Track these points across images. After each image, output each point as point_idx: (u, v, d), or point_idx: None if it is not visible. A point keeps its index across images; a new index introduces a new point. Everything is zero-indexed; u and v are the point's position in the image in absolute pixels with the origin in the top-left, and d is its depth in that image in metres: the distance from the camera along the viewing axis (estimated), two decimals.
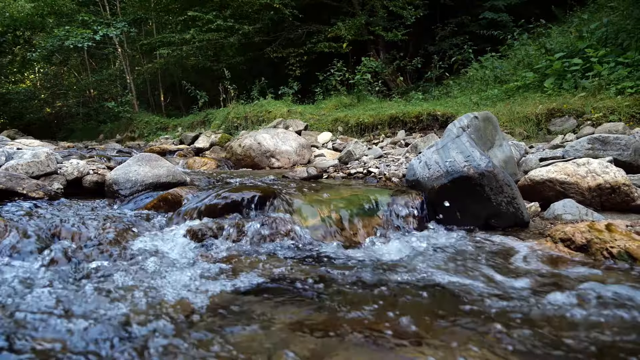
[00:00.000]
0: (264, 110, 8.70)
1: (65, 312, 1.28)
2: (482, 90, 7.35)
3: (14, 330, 1.16)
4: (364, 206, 2.36)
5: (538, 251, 1.91)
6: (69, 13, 15.72)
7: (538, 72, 6.40)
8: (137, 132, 12.77)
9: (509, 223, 2.36)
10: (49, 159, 3.16)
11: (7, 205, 2.41)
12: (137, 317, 1.26)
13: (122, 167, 3.12)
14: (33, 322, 1.21)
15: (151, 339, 1.14)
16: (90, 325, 1.20)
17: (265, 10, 11.20)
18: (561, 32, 7.64)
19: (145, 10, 14.77)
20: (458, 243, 2.10)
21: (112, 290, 1.45)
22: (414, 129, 6.33)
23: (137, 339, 1.15)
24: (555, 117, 4.96)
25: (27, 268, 1.63)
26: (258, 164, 5.19)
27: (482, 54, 8.92)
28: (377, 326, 1.24)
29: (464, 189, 2.36)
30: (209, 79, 14.11)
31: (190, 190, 2.65)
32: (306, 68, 11.34)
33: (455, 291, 1.51)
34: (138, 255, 1.80)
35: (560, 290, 1.47)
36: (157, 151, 6.32)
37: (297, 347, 1.12)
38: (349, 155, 4.79)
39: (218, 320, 1.27)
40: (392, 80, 10.78)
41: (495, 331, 1.21)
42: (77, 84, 19.54)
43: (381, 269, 1.74)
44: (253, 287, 1.53)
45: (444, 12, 11.27)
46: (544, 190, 2.66)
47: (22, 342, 1.11)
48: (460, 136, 2.65)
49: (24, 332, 1.16)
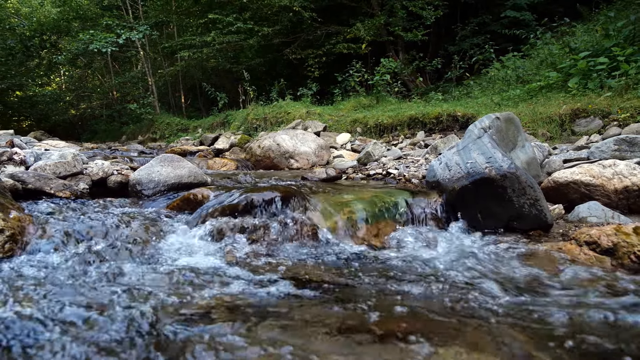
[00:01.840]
0: (282, 111, 8.75)
1: (100, 307, 1.31)
2: (504, 90, 7.24)
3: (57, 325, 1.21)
4: (384, 207, 2.35)
5: (563, 254, 1.88)
6: (93, 17, 16.14)
7: (562, 71, 6.27)
8: (159, 133, 13.00)
9: (531, 225, 2.32)
10: (75, 160, 3.25)
11: (36, 204, 2.49)
12: (164, 314, 1.28)
13: (145, 168, 3.18)
14: (70, 316, 1.25)
15: (178, 334, 1.16)
16: (120, 318, 1.23)
17: (284, 12, 11.27)
18: (586, 31, 7.47)
19: (166, 13, 15.05)
20: (479, 245, 2.08)
21: (140, 287, 1.49)
22: (433, 130, 6.27)
23: (163, 334, 1.17)
24: (579, 118, 4.85)
25: (58, 264, 1.68)
26: (277, 164, 5.22)
27: (503, 53, 8.79)
28: (390, 326, 1.23)
29: (486, 191, 2.34)
30: (228, 81, 14.28)
31: (211, 191, 2.69)
32: (325, 69, 11.36)
33: (482, 293, 1.49)
34: (162, 254, 1.84)
35: (590, 294, 1.44)
36: (178, 152, 6.42)
37: (322, 346, 1.13)
38: (368, 156, 4.78)
39: (240, 318, 1.28)
40: (411, 81, 10.71)
41: (513, 335, 1.19)
42: (101, 86, 20.02)
43: (402, 270, 1.74)
44: (275, 287, 1.54)
45: (464, 12, 11.15)
46: (568, 192, 2.61)
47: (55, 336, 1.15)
48: (482, 137, 2.62)
49: (60, 327, 1.20)
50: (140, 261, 1.79)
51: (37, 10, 19.39)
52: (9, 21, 17.78)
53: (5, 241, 1.84)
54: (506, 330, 1.22)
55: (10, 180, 2.66)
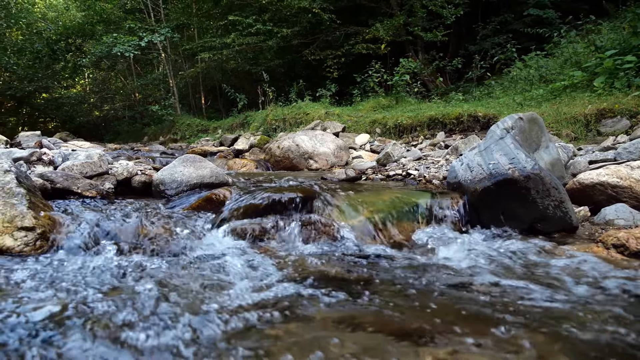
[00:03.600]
0: (301, 112, 8.78)
1: (133, 305, 1.35)
2: (526, 90, 7.12)
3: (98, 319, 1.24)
4: (405, 208, 2.34)
5: (590, 257, 1.84)
6: (117, 21, 16.54)
7: (587, 70, 6.13)
8: (179, 134, 13.21)
9: (556, 228, 2.28)
10: (101, 160, 3.33)
11: (64, 203, 2.56)
12: (192, 314, 1.31)
13: (168, 168, 3.24)
14: (108, 315, 1.29)
15: (210, 334, 1.19)
16: (151, 318, 1.26)
17: (303, 14, 11.32)
18: (613, 29, 7.28)
19: (187, 16, 15.30)
20: (503, 246, 2.05)
21: (168, 286, 1.52)
22: (453, 130, 6.21)
23: (194, 336, 1.20)
24: (605, 118, 4.73)
25: (86, 261, 1.73)
26: (296, 165, 5.25)
27: (525, 52, 8.63)
28: (407, 326, 1.23)
29: (508, 192, 2.31)
30: (248, 82, 14.41)
31: (233, 191, 2.72)
32: (344, 70, 11.36)
33: (506, 295, 1.48)
34: (188, 253, 1.87)
35: (624, 299, 1.41)
36: (198, 153, 6.50)
37: (345, 346, 1.14)
38: (387, 157, 4.77)
39: (266, 317, 1.30)
40: (431, 81, 10.62)
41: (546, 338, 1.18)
42: (124, 88, 20.46)
43: (424, 271, 1.73)
44: (298, 286, 1.55)
45: (485, 10, 10.99)
46: (594, 194, 2.55)
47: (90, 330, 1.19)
48: (504, 138, 2.58)
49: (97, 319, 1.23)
50: (164, 259, 1.82)
51: (63, 15, 19.98)
52: (36, 25, 18.37)
53: (36, 238, 1.90)
54: (527, 332, 1.21)
55: (40, 180, 2.74)
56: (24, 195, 2.07)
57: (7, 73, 19.54)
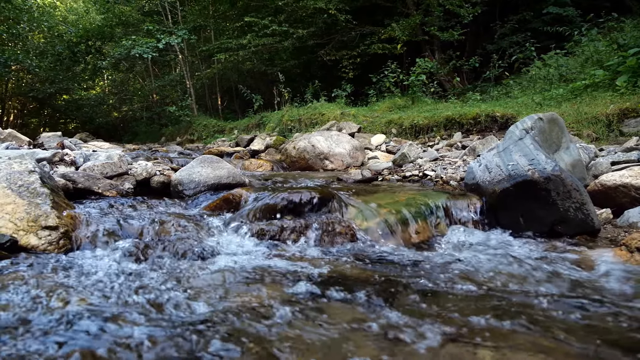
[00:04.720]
0: (317, 112, 8.79)
1: (156, 303, 1.37)
2: (546, 89, 6.99)
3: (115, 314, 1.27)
4: (422, 209, 2.33)
5: (613, 260, 1.80)
6: (135, 23, 16.80)
7: (609, 69, 5.99)
8: (196, 134, 13.35)
9: (577, 230, 2.24)
10: (121, 161, 3.39)
11: (86, 202, 2.62)
12: (218, 313, 1.32)
13: (186, 169, 3.28)
14: (126, 314, 1.31)
15: (235, 331, 1.20)
16: (174, 313, 1.28)
17: (318, 14, 11.32)
18: (636, 26, 7.11)
19: (204, 18, 15.46)
20: (522, 248, 2.03)
21: (190, 285, 1.54)
22: (471, 130, 6.13)
23: (215, 332, 1.21)
24: (629, 118, 4.62)
25: (109, 259, 1.77)
26: (312, 166, 5.26)
27: (545, 51, 8.47)
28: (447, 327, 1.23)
29: (528, 194, 2.27)
30: (263, 83, 14.49)
31: (250, 191, 2.74)
32: (359, 70, 11.32)
33: (522, 298, 1.46)
34: (207, 252, 1.89)
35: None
36: (215, 153, 6.56)
37: (359, 347, 1.14)
38: (404, 157, 4.74)
39: (286, 316, 1.31)
40: (448, 81, 10.51)
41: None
42: (142, 89, 20.77)
43: (442, 273, 1.72)
44: (316, 286, 1.56)
45: (503, 9, 10.83)
46: (616, 196, 2.50)
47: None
48: (524, 138, 2.55)
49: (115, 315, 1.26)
50: (190, 258, 1.85)
51: (83, 18, 20.39)
52: (57, 28, 18.78)
53: (59, 237, 1.95)
54: (561, 332, 1.19)
55: (62, 180, 2.81)
56: (48, 195, 2.12)
57: (29, 75, 20.07)
